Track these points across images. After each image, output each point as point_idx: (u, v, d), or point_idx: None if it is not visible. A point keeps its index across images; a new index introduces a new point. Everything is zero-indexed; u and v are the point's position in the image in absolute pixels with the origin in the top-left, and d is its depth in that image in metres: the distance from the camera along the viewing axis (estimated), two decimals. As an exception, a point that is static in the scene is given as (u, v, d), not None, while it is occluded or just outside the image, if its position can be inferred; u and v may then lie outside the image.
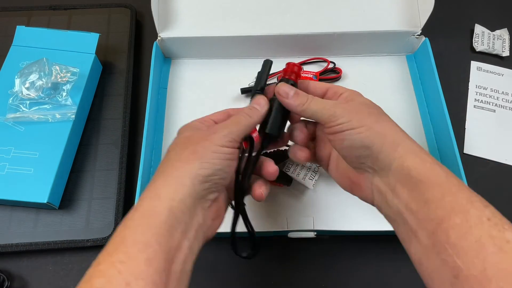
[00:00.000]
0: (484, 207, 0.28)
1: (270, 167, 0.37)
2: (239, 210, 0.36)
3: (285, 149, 0.49)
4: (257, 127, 0.37)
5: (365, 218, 0.45)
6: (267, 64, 0.39)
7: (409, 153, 0.31)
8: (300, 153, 0.38)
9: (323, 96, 0.37)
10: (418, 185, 0.29)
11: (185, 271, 0.29)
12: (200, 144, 0.32)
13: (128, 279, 0.25)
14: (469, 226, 0.27)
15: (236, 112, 0.37)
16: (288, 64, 0.38)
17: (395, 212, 0.31)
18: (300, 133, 0.38)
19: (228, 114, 0.37)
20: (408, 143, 0.32)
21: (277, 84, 0.38)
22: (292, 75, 0.38)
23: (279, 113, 0.37)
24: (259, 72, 0.39)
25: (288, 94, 0.35)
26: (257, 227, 0.47)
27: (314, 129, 0.40)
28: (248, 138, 0.35)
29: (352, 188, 0.36)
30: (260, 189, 0.36)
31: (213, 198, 0.32)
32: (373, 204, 0.34)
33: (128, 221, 0.29)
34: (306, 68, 0.58)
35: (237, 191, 0.35)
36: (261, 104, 0.36)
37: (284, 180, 0.47)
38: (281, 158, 0.48)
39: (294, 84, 0.37)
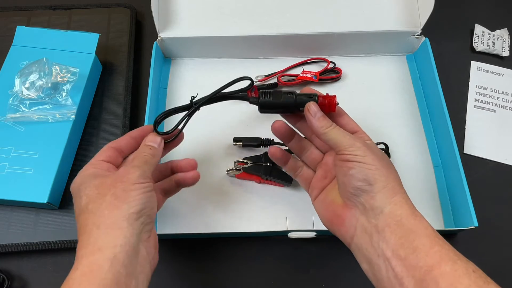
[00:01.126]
0: (467, 261, 0.30)
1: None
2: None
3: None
4: None
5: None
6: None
7: (404, 204, 0.33)
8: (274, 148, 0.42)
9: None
10: (408, 233, 0.31)
11: None
12: (117, 187, 0.32)
13: None
14: (458, 275, 0.28)
15: (125, 146, 0.38)
16: (328, 97, 0.39)
17: (379, 255, 0.32)
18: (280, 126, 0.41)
19: (114, 149, 0.37)
20: (405, 196, 0.34)
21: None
22: (326, 106, 0.38)
23: None
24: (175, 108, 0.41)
25: (316, 114, 0.37)
26: (257, 227, 0.47)
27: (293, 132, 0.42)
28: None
29: (332, 221, 0.37)
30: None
31: (150, 228, 0.34)
32: (350, 243, 0.35)
33: (70, 280, 0.29)
34: (306, 68, 0.58)
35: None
36: (158, 142, 0.38)
37: (284, 180, 0.47)
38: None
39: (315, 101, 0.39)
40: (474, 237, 0.47)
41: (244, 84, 0.41)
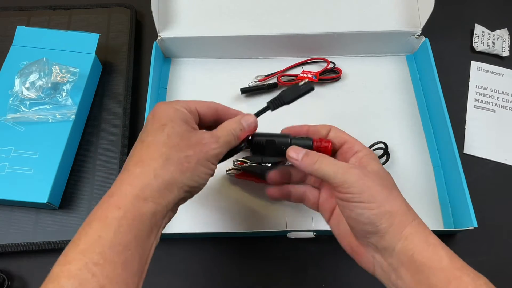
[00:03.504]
0: None
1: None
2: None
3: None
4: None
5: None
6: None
7: (415, 235, 0.31)
8: (270, 191, 0.41)
9: (339, 147, 0.37)
10: (422, 269, 0.30)
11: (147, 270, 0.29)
12: (195, 152, 0.31)
13: (103, 283, 0.25)
14: None
15: (224, 112, 0.37)
16: (323, 142, 0.38)
17: None
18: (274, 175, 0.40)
19: (216, 110, 0.36)
20: (415, 223, 0.31)
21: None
22: (321, 148, 0.38)
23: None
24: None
25: (298, 155, 0.35)
26: (257, 227, 0.47)
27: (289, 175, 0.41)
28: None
29: (352, 252, 0.36)
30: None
31: (183, 202, 0.33)
32: (373, 275, 0.34)
33: (109, 218, 0.27)
34: (306, 68, 0.58)
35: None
36: (252, 125, 0.37)
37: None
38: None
39: (310, 147, 0.38)
40: (473, 238, 0.47)
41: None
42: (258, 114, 0.38)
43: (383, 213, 0.31)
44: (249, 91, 0.55)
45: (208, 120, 0.37)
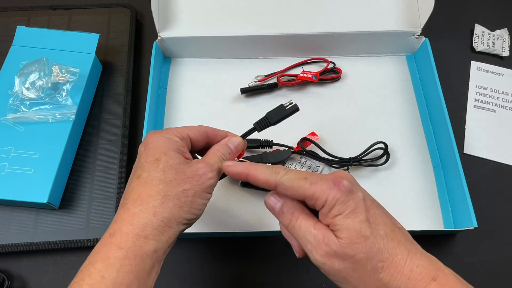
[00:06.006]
0: None
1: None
2: None
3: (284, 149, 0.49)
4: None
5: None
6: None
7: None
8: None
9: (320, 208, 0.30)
10: None
11: None
12: (192, 185, 0.32)
13: None
14: None
15: (213, 134, 0.37)
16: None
17: None
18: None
19: (205, 133, 0.36)
20: (442, 276, 0.27)
21: None
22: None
23: None
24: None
25: (274, 210, 0.33)
26: (257, 227, 0.47)
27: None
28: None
29: None
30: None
31: (183, 232, 0.33)
32: None
33: (111, 258, 0.28)
34: (306, 68, 0.58)
35: None
36: (239, 147, 0.37)
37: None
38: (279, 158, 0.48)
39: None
40: (473, 238, 0.47)
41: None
42: (245, 135, 0.40)
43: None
44: (249, 91, 0.55)
45: (199, 144, 0.37)
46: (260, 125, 0.41)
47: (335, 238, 0.28)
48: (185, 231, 0.45)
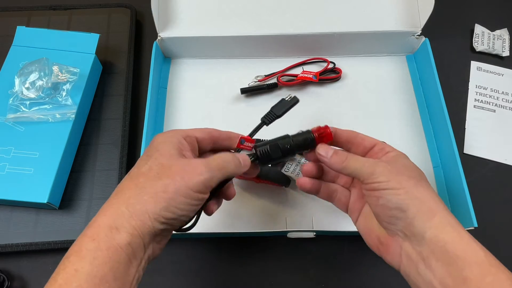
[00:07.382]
0: None
1: (232, 191, 0.37)
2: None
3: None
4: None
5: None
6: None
7: (446, 225, 0.30)
8: (302, 181, 0.39)
9: (369, 150, 0.36)
10: (456, 261, 0.28)
11: None
12: (174, 180, 0.30)
13: None
14: None
15: (218, 134, 0.36)
16: (320, 129, 0.38)
17: (427, 284, 0.30)
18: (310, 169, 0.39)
19: (210, 135, 0.36)
20: (445, 214, 0.31)
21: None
22: (324, 139, 0.37)
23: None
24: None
25: (327, 153, 0.35)
26: (256, 227, 0.47)
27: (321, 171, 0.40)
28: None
29: (379, 248, 0.35)
30: (213, 207, 0.36)
31: (167, 234, 0.32)
32: (399, 269, 0.33)
33: (84, 251, 0.27)
34: (306, 68, 0.58)
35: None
36: (246, 163, 0.36)
37: (282, 180, 0.47)
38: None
39: (312, 139, 0.38)
40: (473, 237, 0.47)
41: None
42: (253, 133, 0.40)
43: (410, 198, 0.31)
44: (249, 91, 0.55)
45: (206, 145, 0.36)
46: (268, 118, 0.41)
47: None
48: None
